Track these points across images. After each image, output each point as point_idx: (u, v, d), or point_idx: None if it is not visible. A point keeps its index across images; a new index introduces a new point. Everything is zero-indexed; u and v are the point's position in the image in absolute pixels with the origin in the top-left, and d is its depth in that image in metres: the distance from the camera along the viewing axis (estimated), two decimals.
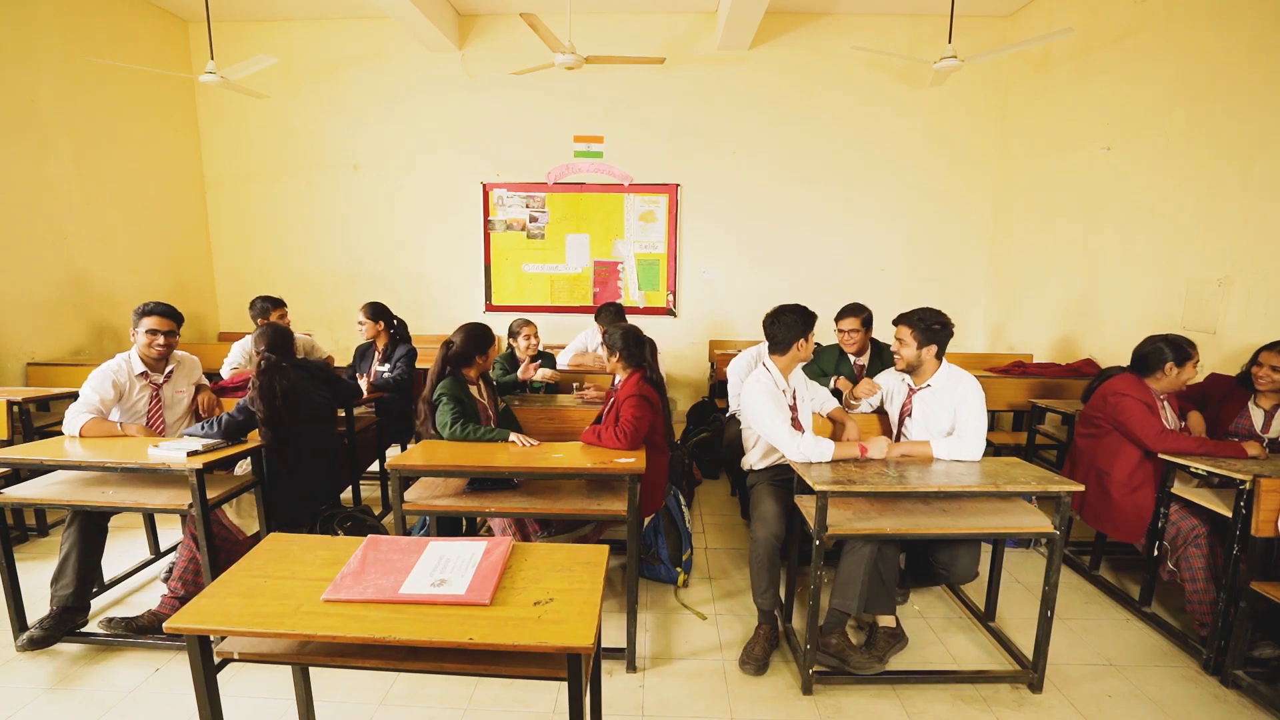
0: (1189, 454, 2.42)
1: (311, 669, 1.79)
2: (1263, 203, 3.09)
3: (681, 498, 3.05)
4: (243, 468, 2.59)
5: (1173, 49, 3.63)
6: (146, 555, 3.05)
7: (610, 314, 3.84)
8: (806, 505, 2.22)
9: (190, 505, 2.18)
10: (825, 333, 3.21)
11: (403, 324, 3.90)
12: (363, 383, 3.52)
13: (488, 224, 5.57)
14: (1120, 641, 2.50)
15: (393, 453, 4.04)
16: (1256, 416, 2.69)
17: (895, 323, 2.54)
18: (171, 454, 2.18)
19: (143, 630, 2.34)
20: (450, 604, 1.31)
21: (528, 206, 5.54)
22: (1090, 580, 2.99)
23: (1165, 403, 2.68)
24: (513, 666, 1.31)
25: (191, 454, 2.19)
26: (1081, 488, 2.09)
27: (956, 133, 5.36)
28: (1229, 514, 2.23)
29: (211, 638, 1.31)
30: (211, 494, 2.27)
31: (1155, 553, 2.55)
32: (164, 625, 1.25)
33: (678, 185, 5.46)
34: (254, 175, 5.59)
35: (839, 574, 2.24)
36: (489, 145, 5.48)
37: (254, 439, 2.49)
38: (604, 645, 2.30)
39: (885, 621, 2.33)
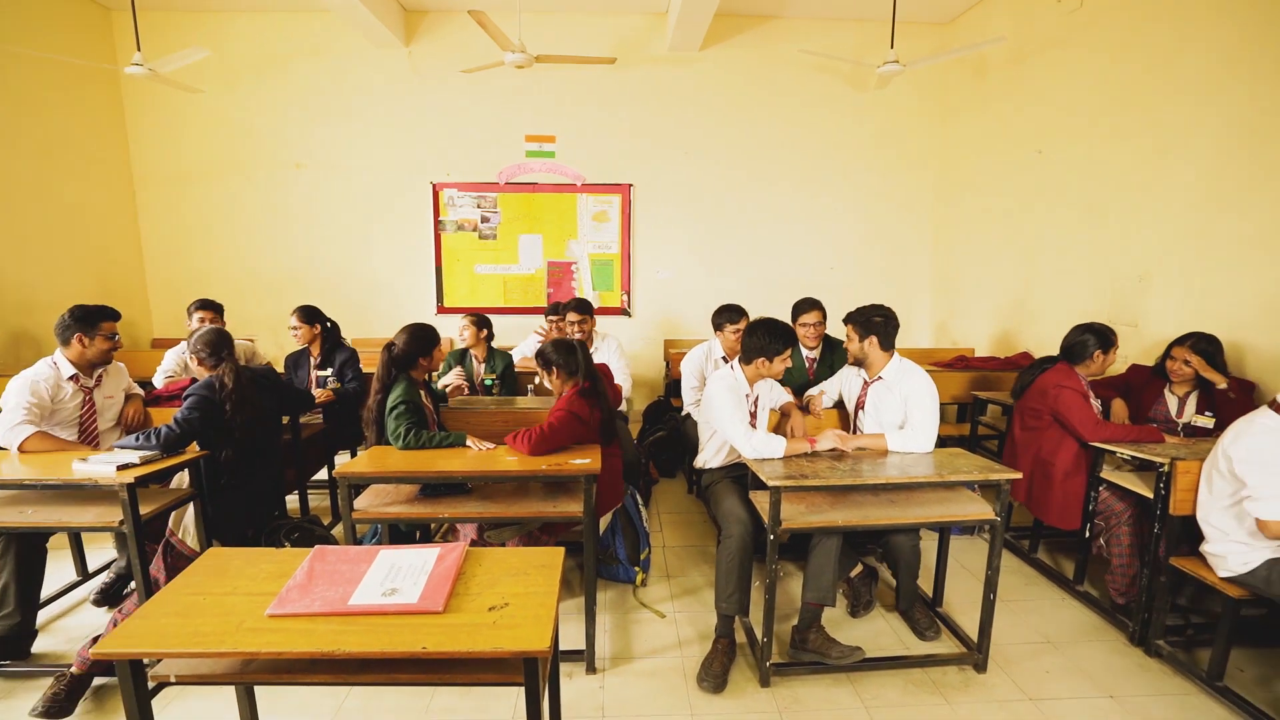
0: (1116, 441, 2.57)
1: (257, 688, 1.72)
2: (1178, 205, 3.30)
3: (639, 497, 3.05)
4: (179, 480, 2.47)
5: (1097, 58, 3.84)
6: (73, 577, 2.87)
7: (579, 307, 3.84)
8: (761, 501, 2.26)
9: (121, 522, 2.07)
10: None
11: (335, 326, 3.76)
12: (318, 392, 3.41)
13: (438, 224, 5.46)
14: (1057, 619, 2.64)
15: (342, 460, 3.92)
16: (1172, 404, 2.89)
17: (845, 321, 2.65)
18: (99, 468, 2.06)
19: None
20: (402, 613, 1.28)
21: (479, 207, 5.46)
22: (1029, 563, 3.14)
23: (1091, 391, 2.84)
24: (468, 674, 1.29)
25: (123, 468, 2.07)
26: (1020, 475, 2.19)
27: (901, 135, 5.54)
28: (1151, 495, 2.38)
29: (146, 661, 1.25)
30: (145, 509, 2.16)
31: (1088, 532, 2.70)
32: (90, 651, 1.18)
33: (631, 185, 5.47)
34: (189, 173, 5.33)
35: (809, 568, 2.28)
36: (439, 144, 5.37)
37: (192, 450, 2.38)
38: (563, 648, 2.29)
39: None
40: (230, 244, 5.43)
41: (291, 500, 3.43)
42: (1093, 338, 2.78)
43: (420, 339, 2.60)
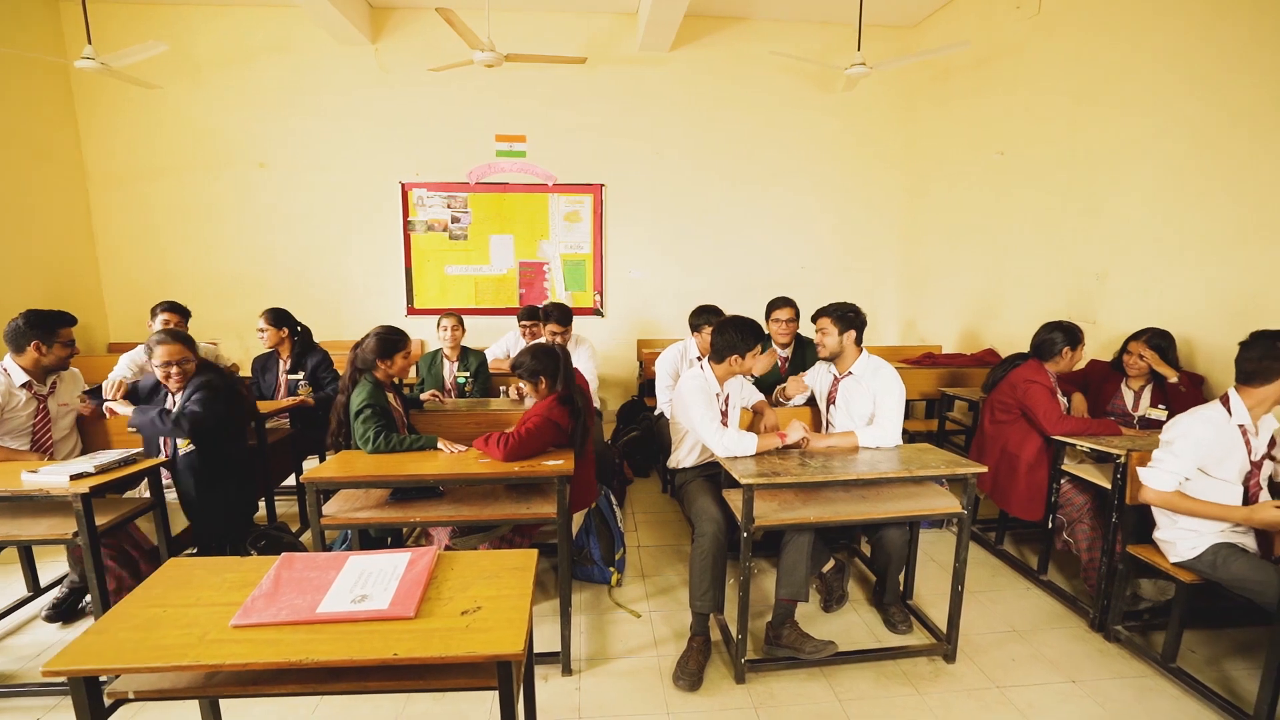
0: (1076, 434, 2.65)
1: (223, 702, 1.67)
2: (1133, 206, 3.42)
3: (613, 497, 3.05)
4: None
5: (1055, 63, 3.95)
6: (23, 593, 2.75)
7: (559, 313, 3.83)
8: (734, 499, 2.28)
9: (75, 534, 1.99)
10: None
11: (307, 330, 3.69)
12: (292, 399, 3.35)
13: (407, 225, 5.38)
14: (1021, 609, 2.71)
15: (312, 465, 3.83)
16: (1128, 398, 2.99)
17: (815, 317, 2.68)
18: (51, 479, 1.98)
19: None
20: (373, 620, 1.26)
21: (449, 207, 5.39)
22: (995, 554, 3.22)
23: (1056, 387, 2.93)
24: (441, 679, 1.27)
25: (76, 477, 2.00)
26: (985, 469, 2.25)
27: (868, 135, 5.63)
28: (1109, 486, 2.46)
29: (103, 678, 1.20)
30: (101, 520, 2.08)
31: (1050, 525, 2.78)
32: (41, 668, 1.13)
33: (602, 185, 5.46)
34: (147, 171, 5.15)
35: (782, 565, 2.30)
36: (407, 144, 5.29)
37: (149, 460, 2.30)
38: (539, 650, 2.28)
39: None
40: (192, 245, 5.27)
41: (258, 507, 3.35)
42: (1061, 335, 2.86)
43: (387, 342, 2.56)
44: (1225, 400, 2.08)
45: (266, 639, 1.19)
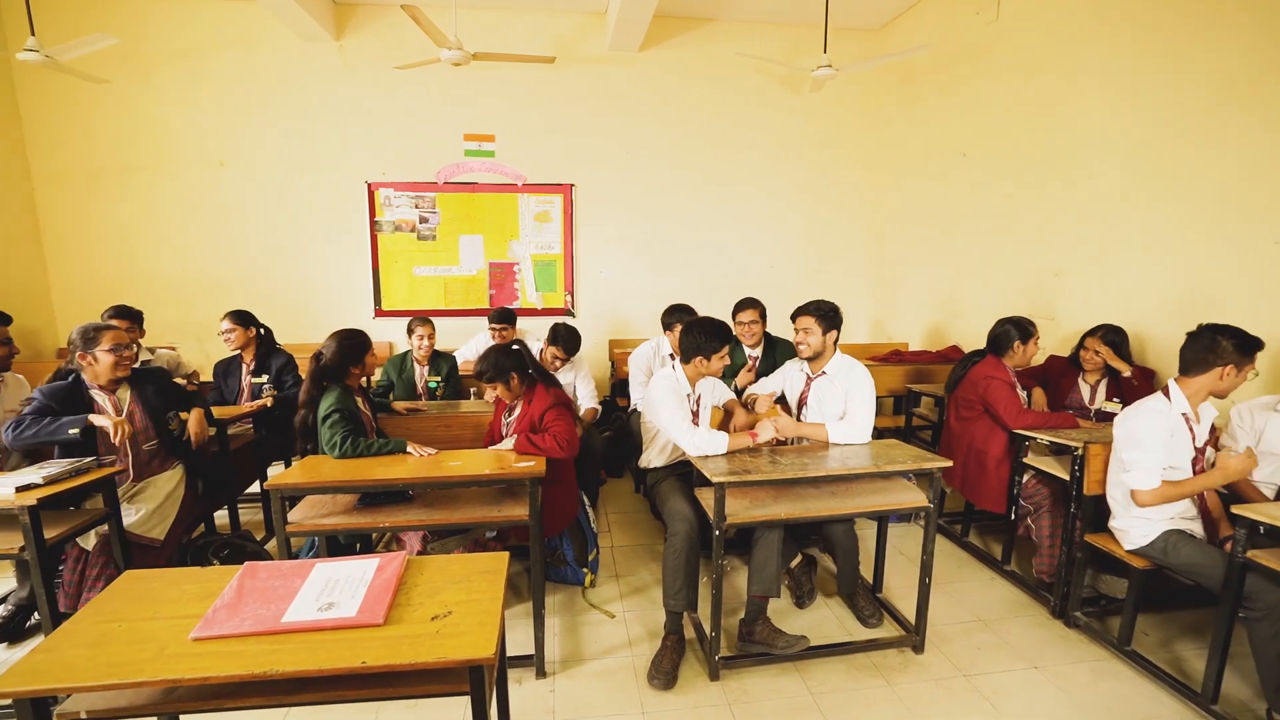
0: (1035, 427, 2.73)
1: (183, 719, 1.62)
2: (1088, 207, 3.53)
3: (586, 499, 3.04)
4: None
5: (1014, 67, 4.07)
6: None
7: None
8: (706, 498, 2.29)
9: (22, 549, 1.91)
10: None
11: (269, 332, 3.60)
12: (254, 403, 3.27)
13: (374, 225, 5.28)
14: (987, 598, 2.78)
15: (278, 471, 3.74)
16: (1085, 391, 3.10)
17: (796, 315, 2.66)
18: None
19: None
20: (340, 628, 1.23)
21: (417, 207, 5.31)
22: (962, 546, 3.30)
23: (1016, 381, 3.01)
24: (412, 686, 1.25)
25: (22, 489, 1.91)
26: (950, 463, 2.30)
27: (836, 136, 5.72)
28: (1067, 477, 2.54)
29: (53, 699, 1.15)
30: (50, 533, 2.00)
31: (1013, 515, 2.86)
32: None
33: (572, 185, 5.44)
34: (97, 169, 4.96)
35: (753, 562, 2.32)
36: (374, 143, 5.19)
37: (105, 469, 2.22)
38: (512, 653, 2.27)
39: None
40: (148, 246, 5.09)
41: (221, 516, 3.26)
42: (1013, 329, 2.95)
43: (350, 347, 2.51)
44: (1166, 391, 2.17)
45: (229, 651, 1.16)
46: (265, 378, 3.46)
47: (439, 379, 3.62)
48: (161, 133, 4.97)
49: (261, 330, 3.53)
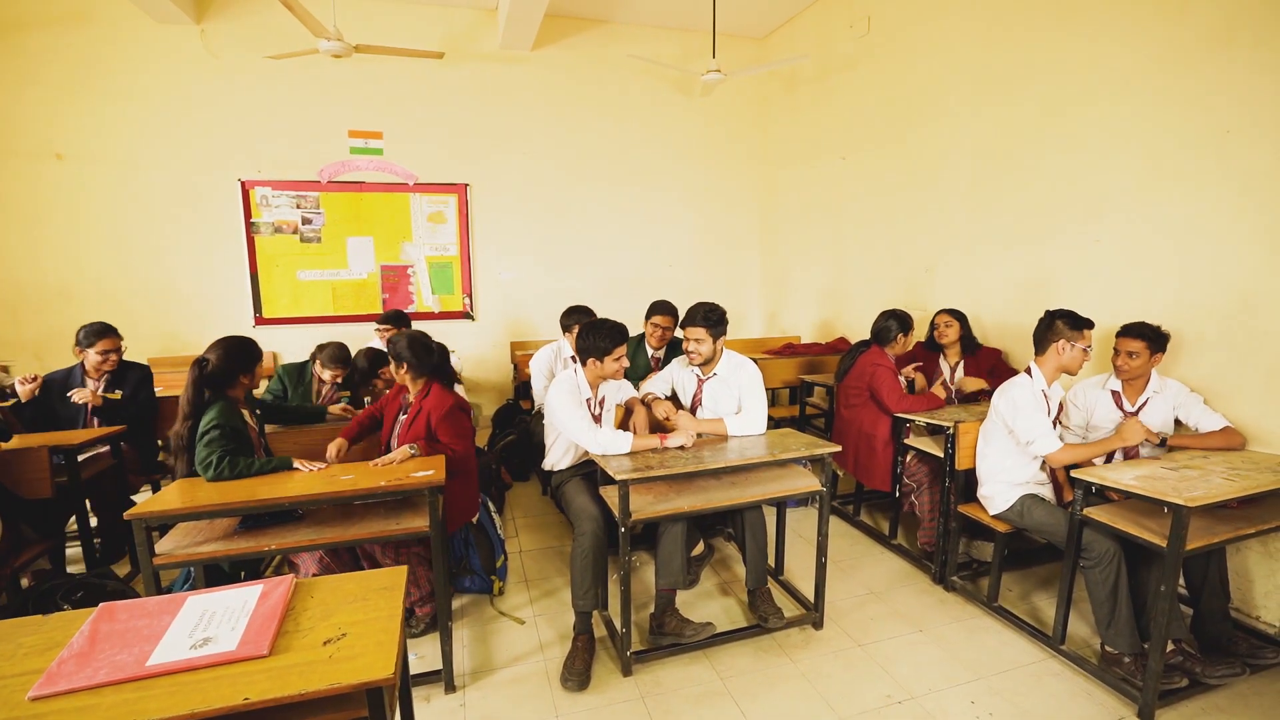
0: (913, 410, 2.97)
1: None
2: (950, 208, 3.89)
3: (491, 505, 2.98)
4: None
5: (883, 77, 4.39)
6: None
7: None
8: (611, 495, 2.31)
9: None
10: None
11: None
12: (83, 393, 2.93)
13: (250, 226, 4.88)
14: (877, 572, 3.00)
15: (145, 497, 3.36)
16: (946, 370, 3.41)
17: (685, 325, 2.66)
18: None
19: None
20: (219, 664, 1.13)
21: (299, 207, 4.96)
22: (854, 525, 3.53)
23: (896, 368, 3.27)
24: (305, 718, 1.17)
25: None
26: (839, 448, 2.46)
27: (727, 139, 5.92)
28: (941, 454, 2.79)
29: None
30: None
31: (897, 493, 3.10)
32: None
33: (467, 185, 5.29)
34: None
35: (659, 555, 2.36)
36: (246, 137, 4.79)
37: None
38: (418, 670, 2.19)
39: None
40: None
41: (74, 551, 2.90)
42: (895, 322, 3.20)
43: (240, 353, 2.31)
44: (1029, 370, 2.45)
45: (79, 706, 1.03)
46: (119, 393, 3.09)
47: (347, 393, 3.42)
48: None
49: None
